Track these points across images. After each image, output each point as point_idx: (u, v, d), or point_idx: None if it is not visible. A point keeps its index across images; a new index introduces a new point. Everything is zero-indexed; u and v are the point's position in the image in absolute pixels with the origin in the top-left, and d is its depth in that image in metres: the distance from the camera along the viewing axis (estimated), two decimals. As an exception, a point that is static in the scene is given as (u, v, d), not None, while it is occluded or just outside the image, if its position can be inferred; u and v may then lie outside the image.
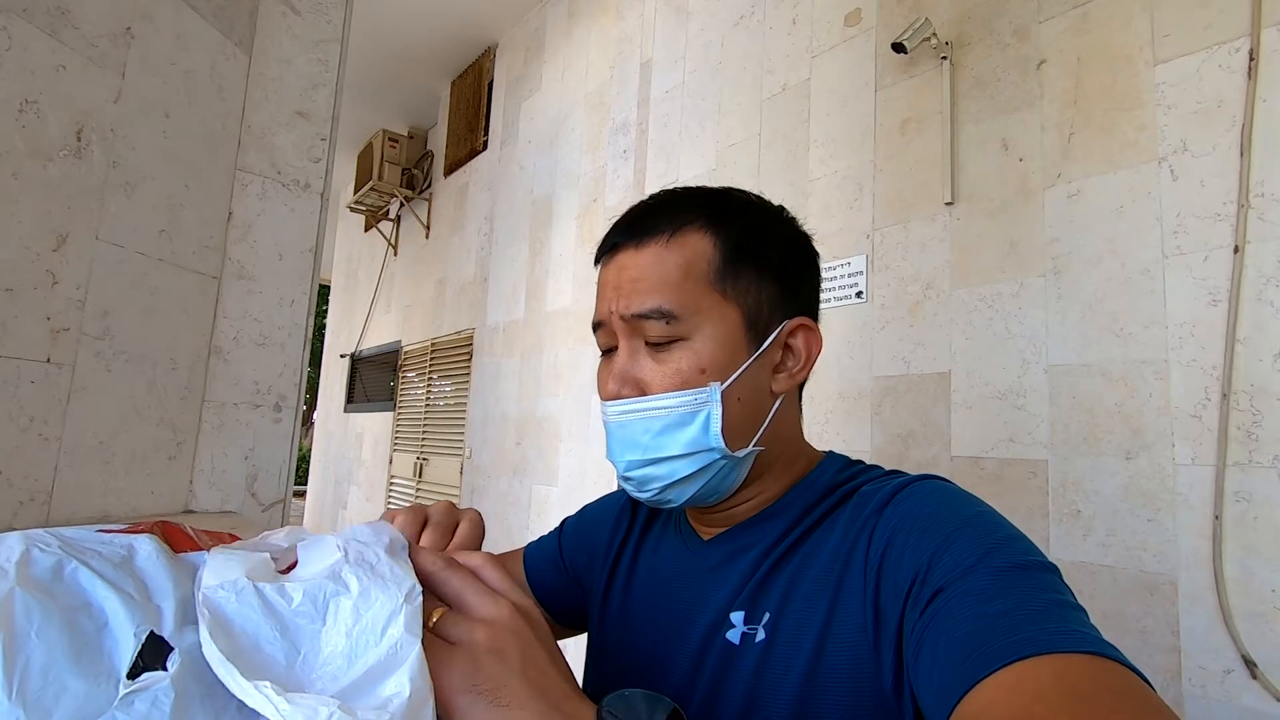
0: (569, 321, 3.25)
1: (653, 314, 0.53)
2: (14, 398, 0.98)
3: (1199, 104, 1.41)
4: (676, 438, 0.53)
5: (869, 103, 2.04)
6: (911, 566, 0.45)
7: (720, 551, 0.59)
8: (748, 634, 0.53)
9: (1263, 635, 1.25)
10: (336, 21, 1.54)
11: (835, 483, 0.57)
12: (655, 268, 0.54)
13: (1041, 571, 0.44)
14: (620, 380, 0.55)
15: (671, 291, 0.54)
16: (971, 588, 0.42)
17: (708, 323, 0.54)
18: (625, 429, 0.55)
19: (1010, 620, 0.39)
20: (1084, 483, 1.50)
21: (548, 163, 3.61)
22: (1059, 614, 0.40)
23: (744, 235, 0.57)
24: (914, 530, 0.47)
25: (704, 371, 0.53)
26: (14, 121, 0.97)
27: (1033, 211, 1.64)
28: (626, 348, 0.56)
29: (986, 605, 0.41)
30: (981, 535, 0.45)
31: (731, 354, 0.54)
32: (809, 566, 0.53)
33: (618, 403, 0.55)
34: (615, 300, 0.56)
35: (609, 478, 2.83)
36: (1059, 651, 0.37)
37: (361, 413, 5.65)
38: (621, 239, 0.57)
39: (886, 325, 1.91)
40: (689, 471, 0.54)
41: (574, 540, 0.75)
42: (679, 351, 0.54)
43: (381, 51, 4.39)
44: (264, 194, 1.42)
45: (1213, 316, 1.36)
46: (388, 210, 5.39)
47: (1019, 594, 0.41)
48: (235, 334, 1.37)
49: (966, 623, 0.40)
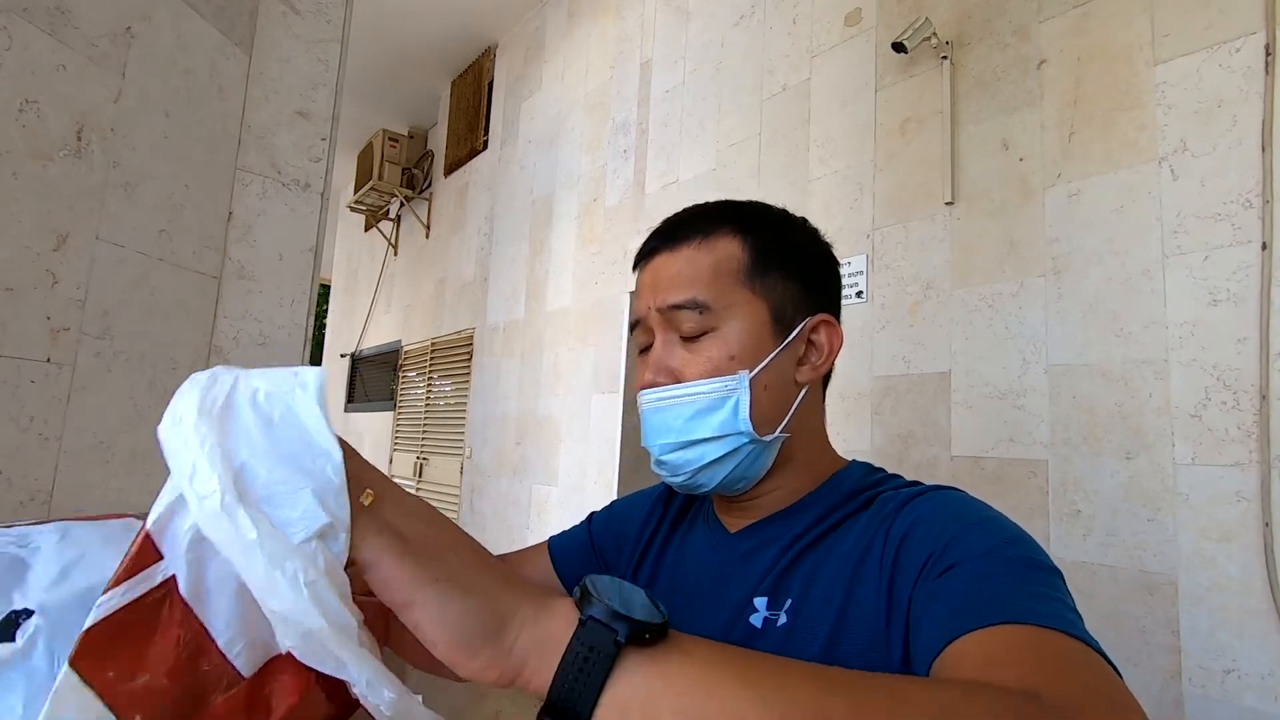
0: (569, 321, 3.25)
1: (687, 304, 0.58)
2: (14, 397, 0.98)
3: (1199, 104, 1.41)
4: (708, 421, 0.57)
5: (869, 103, 2.04)
6: (926, 551, 0.49)
7: (746, 544, 0.62)
8: (770, 619, 0.56)
9: (1264, 636, 1.25)
10: (337, 21, 1.54)
11: (860, 487, 0.61)
12: (689, 266, 0.59)
13: (1046, 572, 0.46)
14: (656, 369, 0.59)
15: (704, 286, 0.58)
16: (979, 569, 0.45)
17: (737, 315, 0.58)
18: (660, 415, 0.59)
19: (1006, 597, 0.42)
20: (1084, 483, 1.50)
21: (548, 163, 3.61)
22: (1052, 604, 0.42)
23: (770, 240, 0.62)
24: (932, 524, 0.51)
25: (733, 359, 0.58)
26: (14, 121, 0.97)
27: (1033, 211, 1.64)
28: (662, 340, 0.60)
29: (987, 582, 0.44)
30: (995, 531, 0.49)
31: (759, 344, 0.59)
32: (829, 558, 0.56)
33: (653, 390, 0.59)
34: (652, 296, 0.61)
35: (609, 478, 2.83)
36: (1041, 626, 0.39)
37: (362, 412, 5.65)
38: (658, 244, 0.63)
39: (886, 325, 1.91)
40: (719, 454, 0.57)
41: (605, 529, 0.77)
42: (710, 341, 0.58)
43: (381, 51, 4.39)
44: (264, 194, 1.42)
45: (1213, 316, 1.36)
46: (388, 210, 5.39)
47: (1019, 580, 0.44)
48: (235, 334, 1.37)
49: (964, 594, 0.44)
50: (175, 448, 0.29)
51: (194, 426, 0.29)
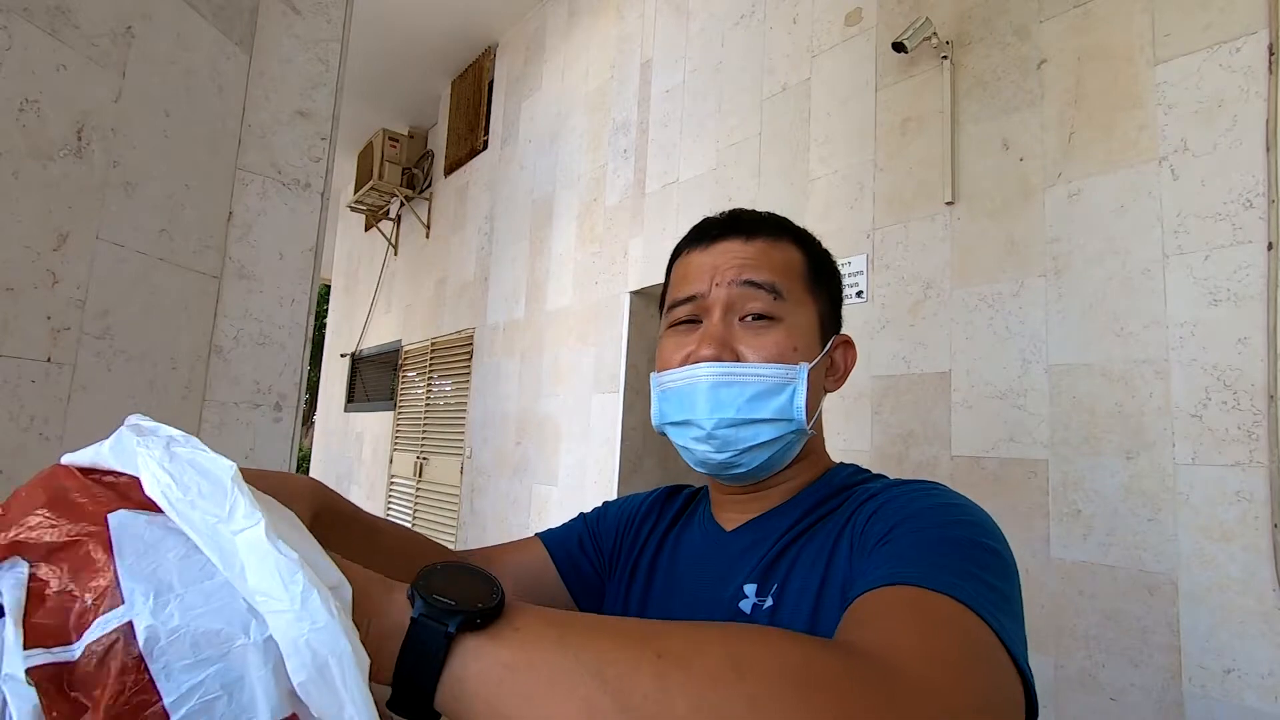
0: (569, 321, 3.25)
1: (765, 285, 0.61)
2: (15, 397, 0.98)
3: (1200, 103, 1.41)
4: (769, 404, 0.60)
5: (869, 102, 2.04)
6: (888, 525, 0.51)
7: (742, 541, 0.64)
8: (758, 603, 0.58)
9: (1262, 635, 1.25)
10: (337, 21, 1.54)
11: (846, 484, 0.64)
12: (766, 256, 0.63)
13: (987, 553, 0.47)
14: (720, 345, 0.61)
15: (780, 274, 0.62)
16: (917, 539, 0.47)
17: (800, 311, 0.63)
18: (720, 390, 0.60)
19: (926, 564, 0.43)
20: (1084, 482, 1.50)
21: (548, 162, 3.61)
22: (969, 580, 0.42)
23: (819, 257, 0.67)
24: (898, 503, 0.54)
25: (796, 350, 0.61)
26: (14, 121, 0.97)
27: (1033, 211, 1.64)
28: (722, 318, 0.62)
29: (917, 550, 0.46)
30: (952, 510, 0.51)
31: (813, 343, 0.63)
32: (811, 545, 0.59)
33: (716, 364, 0.60)
34: (724, 273, 0.62)
35: (609, 478, 2.83)
36: (934, 590, 0.40)
37: (362, 412, 5.65)
38: (727, 230, 0.65)
39: (887, 325, 1.91)
40: (770, 436, 0.60)
41: (600, 525, 0.77)
42: (776, 329, 0.61)
43: (381, 51, 4.38)
44: (264, 193, 1.42)
45: (1214, 316, 1.36)
46: (388, 210, 5.39)
47: (951, 555, 0.45)
48: (235, 333, 1.37)
49: (890, 557, 0.46)
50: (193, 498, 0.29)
51: (233, 480, 0.30)
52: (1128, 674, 1.39)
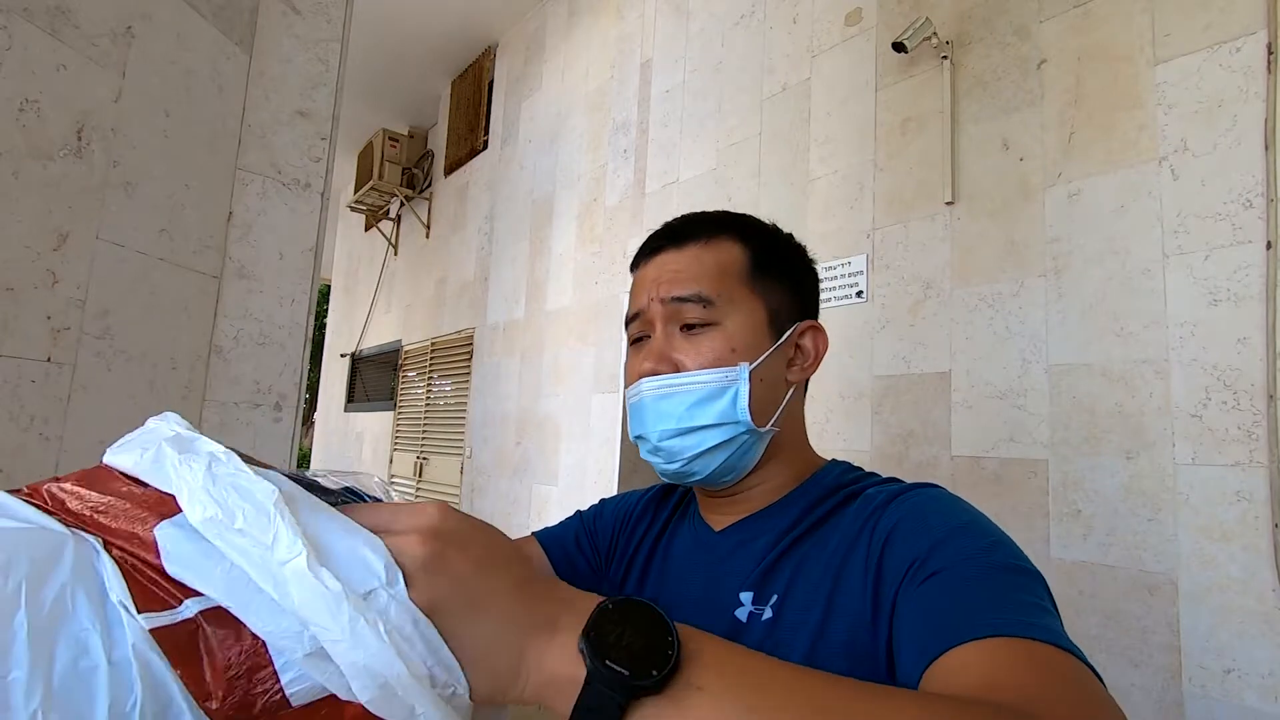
0: (569, 321, 3.25)
1: (692, 298, 0.61)
2: (15, 397, 0.98)
3: (1199, 103, 1.41)
4: (708, 410, 0.60)
5: (869, 102, 2.04)
6: (911, 553, 0.50)
7: (730, 541, 0.64)
8: (755, 613, 0.57)
9: (1261, 635, 1.25)
10: (337, 21, 1.54)
11: (840, 483, 0.63)
12: (695, 263, 0.63)
13: (1029, 577, 0.48)
14: (657, 358, 0.62)
15: (709, 281, 0.62)
16: (965, 573, 0.47)
17: (738, 312, 0.62)
18: (660, 403, 0.61)
19: (993, 608, 0.43)
20: (1084, 482, 1.50)
21: (548, 162, 3.61)
22: (1039, 615, 0.44)
23: (767, 248, 0.66)
24: (915, 525, 0.52)
25: (734, 351, 0.61)
26: (14, 121, 0.97)
27: (1033, 211, 1.64)
28: (663, 331, 0.63)
29: (972, 591, 0.45)
30: (977, 536, 0.50)
31: (757, 340, 0.62)
32: (815, 555, 0.57)
33: (655, 378, 0.61)
34: (656, 289, 0.63)
35: (609, 477, 2.83)
36: (1032, 640, 0.41)
37: (362, 412, 5.65)
38: (663, 242, 0.66)
39: (887, 325, 1.91)
40: (717, 441, 0.60)
41: (598, 523, 0.78)
42: (712, 334, 0.61)
43: (381, 51, 4.38)
44: (264, 193, 1.42)
45: (1214, 316, 1.36)
46: (388, 210, 5.39)
47: (1004, 587, 0.45)
48: (235, 333, 1.37)
49: (953, 597, 0.45)
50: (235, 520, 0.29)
51: (273, 502, 0.30)
52: (1128, 674, 1.39)
